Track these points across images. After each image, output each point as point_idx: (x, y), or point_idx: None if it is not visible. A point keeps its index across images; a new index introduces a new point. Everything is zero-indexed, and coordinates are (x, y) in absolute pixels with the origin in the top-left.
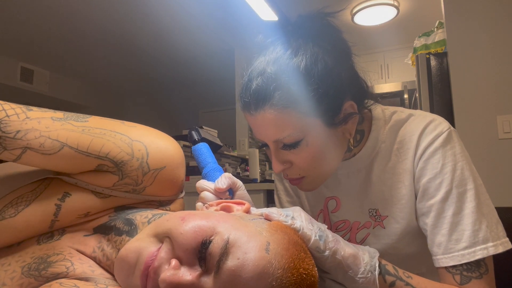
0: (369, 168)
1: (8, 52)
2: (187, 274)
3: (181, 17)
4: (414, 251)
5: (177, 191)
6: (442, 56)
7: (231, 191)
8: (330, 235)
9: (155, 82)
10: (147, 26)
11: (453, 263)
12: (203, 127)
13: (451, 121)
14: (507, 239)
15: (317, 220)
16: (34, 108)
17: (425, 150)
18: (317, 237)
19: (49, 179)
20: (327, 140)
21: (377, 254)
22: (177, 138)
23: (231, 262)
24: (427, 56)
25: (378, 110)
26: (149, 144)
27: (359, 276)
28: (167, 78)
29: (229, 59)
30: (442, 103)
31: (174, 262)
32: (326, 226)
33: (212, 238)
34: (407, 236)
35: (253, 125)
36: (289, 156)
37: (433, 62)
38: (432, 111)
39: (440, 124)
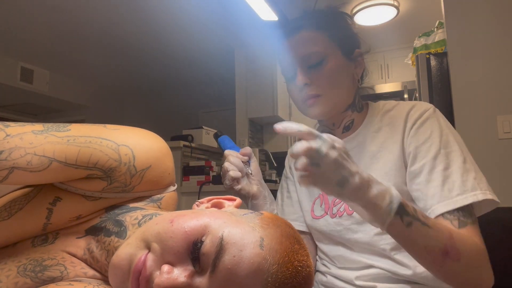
0: (362, 145)
1: (8, 52)
2: (181, 276)
3: (181, 17)
4: None
5: (166, 184)
6: (442, 56)
7: (249, 162)
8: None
9: (155, 82)
10: (147, 26)
11: (449, 208)
12: (203, 127)
13: (451, 121)
14: (494, 196)
15: (315, 203)
16: (11, 124)
17: (415, 121)
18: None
19: (41, 184)
20: (343, 67)
21: (399, 196)
22: (177, 138)
23: (227, 260)
24: (427, 56)
25: (373, 103)
26: (134, 146)
27: (385, 203)
28: (167, 78)
29: (229, 59)
30: (442, 103)
31: (166, 267)
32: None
33: (204, 237)
34: None
35: (291, 47)
36: (312, 74)
37: (433, 62)
38: None
39: (425, 103)
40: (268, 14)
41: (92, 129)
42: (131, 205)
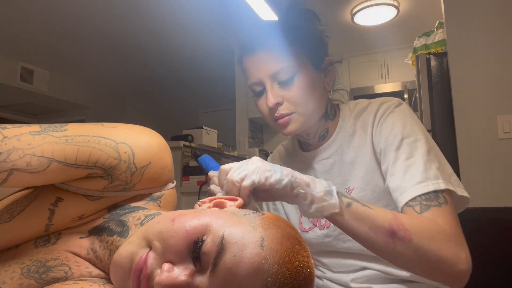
0: (339, 152)
1: (8, 52)
2: (182, 275)
3: (181, 17)
4: None
5: (165, 181)
6: (442, 56)
7: None
8: (285, 169)
9: (155, 82)
10: (147, 26)
11: (410, 196)
12: (203, 127)
13: (451, 121)
14: (463, 189)
15: (302, 215)
16: (8, 126)
17: (380, 118)
18: (274, 172)
19: (42, 185)
20: (313, 80)
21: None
22: (177, 138)
23: (227, 260)
24: (427, 56)
25: (344, 104)
26: (133, 144)
27: (317, 191)
28: (167, 78)
29: (229, 59)
30: (442, 103)
31: (167, 266)
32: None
33: (205, 237)
34: (378, 203)
35: (252, 65)
36: (283, 92)
37: (433, 62)
38: (432, 111)
39: (392, 99)
40: (268, 14)
41: (89, 128)
42: (133, 204)
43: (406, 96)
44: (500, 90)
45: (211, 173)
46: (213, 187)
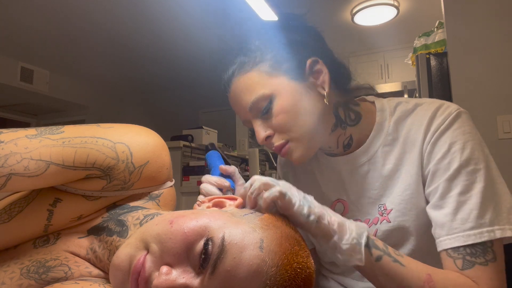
0: (374, 161)
1: (8, 52)
2: (180, 277)
3: (181, 17)
4: (427, 248)
5: (163, 180)
6: (442, 56)
7: (232, 184)
8: (316, 203)
9: (155, 82)
10: (147, 26)
11: (457, 244)
12: (203, 127)
13: None
14: None
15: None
16: (4, 130)
17: (433, 135)
18: (302, 203)
19: None
20: (297, 94)
21: (366, 228)
22: (177, 138)
23: (227, 262)
24: (427, 56)
25: (382, 102)
26: (130, 143)
27: (343, 242)
28: (167, 78)
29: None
30: None
31: (165, 268)
32: (313, 197)
33: (204, 239)
34: (420, 230)
35: (232, 103)
36: (268, 123)
37: (433, 62)
38: None
39: (448, 107)
40: (268, 14)
41: (86, 129)
42: (132, 204)
43: (406, 96)
44: (500, 90)
45: (204, 179)
46: (201, 198)
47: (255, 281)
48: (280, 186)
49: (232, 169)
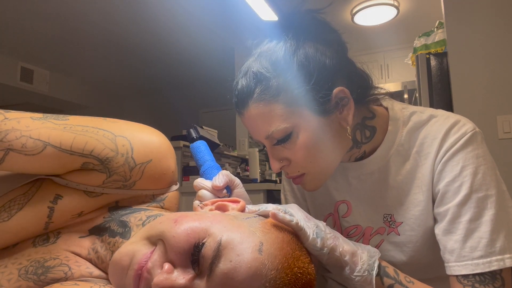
0: (384, 170)
1: (8, 52)
2: (180, 278)
3: (181, 17)
4: (432, 262)
5: (168, 183)
6: (442, 56)
7: (228, 189)
8: (328, 231)
9: (155, 82)
10: (147, 26)
11: (466, 272)
12: (203, 127)
13: None
14: None
15: (325, 224)
16: (12, 111)
17: (445, 153)
18: (315, 235)
19: (40, 181)
20: (320, 130)
21: (378, 255)
22: (177, 138)
23: (223, 265)
24: (427, 56)
25: (396, 109)
26: (132, 138)
27: (355, 274)
28: (167, 78)
29: (229, 59)
30: (442, 103)
31: (167, 266)
32: (324, 223)
33: (204, 240)
34: (425, 245)
35: (245, 125)
36: (284, 152)
37: (433, 62)
38: None
39: (464, 125)
40: (268, 14)
41: (90, 120)
42: (135, 206)
43: (406, 96)
44: (500, 90)
45: (197, 184)
46: (201, 192)
47: (254, 283)
48: (296, 218)
49: (224, 182)
